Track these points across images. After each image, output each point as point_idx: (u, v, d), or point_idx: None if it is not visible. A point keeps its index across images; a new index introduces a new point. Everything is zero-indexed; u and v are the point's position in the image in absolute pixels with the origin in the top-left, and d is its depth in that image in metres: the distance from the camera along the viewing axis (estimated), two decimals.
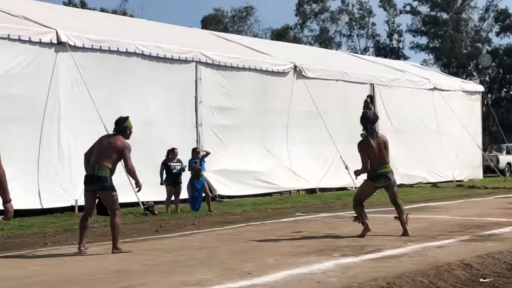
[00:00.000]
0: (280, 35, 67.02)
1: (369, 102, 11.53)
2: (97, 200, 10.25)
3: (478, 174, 32.74)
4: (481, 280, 7.83)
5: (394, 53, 69.44)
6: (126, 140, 10.10)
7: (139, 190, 10.61)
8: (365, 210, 11.40)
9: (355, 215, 11.34)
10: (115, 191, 10.01)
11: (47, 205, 16.46)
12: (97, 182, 9.88)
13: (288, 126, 22.94)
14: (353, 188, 23.27)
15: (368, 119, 11.25)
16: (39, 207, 16.29)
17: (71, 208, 16.73)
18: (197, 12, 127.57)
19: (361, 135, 11.34)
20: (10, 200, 6.49)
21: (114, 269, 8.30)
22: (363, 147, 11.21)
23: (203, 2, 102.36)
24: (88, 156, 10.30)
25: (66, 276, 7.90)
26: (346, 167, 23.16)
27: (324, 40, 69.19)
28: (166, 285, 7.12)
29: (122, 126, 10.16)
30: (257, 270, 7.90)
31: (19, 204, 12.39)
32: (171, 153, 17.23)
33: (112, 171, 9.98)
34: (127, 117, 10.29)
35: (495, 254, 8.92)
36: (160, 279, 7.52)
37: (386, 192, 11.66)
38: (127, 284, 7.27)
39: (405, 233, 11.04)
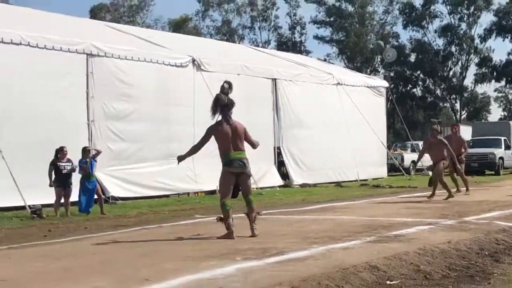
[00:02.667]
0: (179, 26, 66.86)
1: (227, 87, 11.48)
2: None
3: (383, 172, 33.50)
4: (388, 282, 8.01)
5: (297, 47, 70.30)
6: None
7: None
8: (272, 211, 11.50)
9: (221, 215, 11.47)
10: None
11: None
12: None
13: (194, 123, 22.68)
14: (257, 188, 23.46)
15: (222, 103, 11.34)
16: None
17: None
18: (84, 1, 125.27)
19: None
20: None
21: None
22: (213, 131, 11.48)
23: None
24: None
25: None
26: None
27: (226, 32, 69.39)
28: None
29: None
30: (155, 276, 7.83)
31: None
32: (60, 152, 16.92)
33: None
34: None
35: (402, 255, 9.13)
36: None
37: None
38: None
39: (252, 234, 11.27)
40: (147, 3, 72.54)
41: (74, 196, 17.32)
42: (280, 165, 27.25)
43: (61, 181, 16.81)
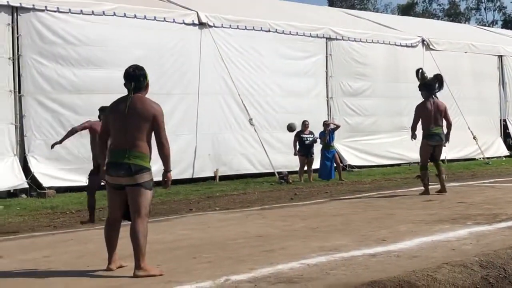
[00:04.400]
0: (407, 10, 65.46)
1: (423, 73, 12.48)
2: None
3: None
4: None
5: None
6: None
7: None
8: (499, 179, 11.01)
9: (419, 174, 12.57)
10: None
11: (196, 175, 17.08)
12: None
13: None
14: (484, 158, 22.56)
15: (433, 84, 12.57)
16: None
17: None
18: None
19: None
20: (171, 171, 6.55)
21: (255, 234, 8.36)
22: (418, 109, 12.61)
23: None
24: None
25: (211, 240, 8.02)
26: (475, 138, 22.49)
27: (452, 14, 66.99)
28: (305, 250, 7.08)
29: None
30: (391, 237, 7.73)
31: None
32: (303, 125, 17.27)
33: None
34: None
35: None
36: (298, 244, 7.49)
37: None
38: (268, 248, 7.29)
39: (442, 189, 12.31)
40: None
41: (316, 164, 17.63)
42: (506, 136, 25.96)
43: (304, 150, 17.16)
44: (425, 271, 5.90)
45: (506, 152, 25.26)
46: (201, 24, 17.49)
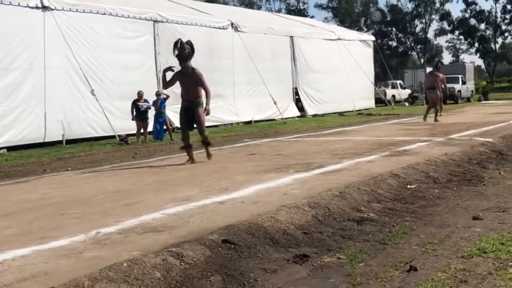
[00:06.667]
0: (210, 0, 65.45)
1: (178, 47, 10.36)
2: None
3: (372, 104, 32.95)
4: (408, 186, 7.67)
5: (301, 13, 68.96)
6: None
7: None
8: (299, 135, 11.08)
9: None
10: None
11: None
12: None
13: (233, 72, 22.41)
14: (281, 119, 23.07)
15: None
16: None
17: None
18: None
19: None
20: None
21: (113, 189, 7.78)
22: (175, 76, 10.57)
23: None
24: None
25: (75, 197, 7.36)
26: (275, 103, 22.97)
27: (247, 4, 67.98)
28: (161, 201, 6.67)
29: None
30: (232, 186, 7.51)
31: None
32: (138, 95, 16.70)
33: None
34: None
35: (414, 166, 8.74)
36: (153, 197, 7.06)
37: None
38: (128, 201, 6.79)
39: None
40: None
41: (150, 128, 17.11)
42: (297, 101, 26.78)
43: (140, 116, 16.56)
44: (268, 214, 5.74)
45: (298, 113, 26.07)
46: (44, 7, 16.13)
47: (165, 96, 17.13)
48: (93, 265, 4.23)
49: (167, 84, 10.64)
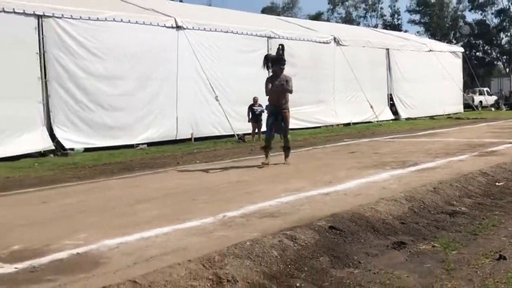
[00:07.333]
0: (316, 18, 65.19)
1: (280, 49, 9.73)
2: None
3: (460, 109, 31.46)
4: (497, 183, 7.30)
5: (396, 29, 67.07)
6: None
7: None
8: (395, 136, 10.76)
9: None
10: None
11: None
12: None
13: (334, 80, 22.22)
14: (376, 122, 22.60)
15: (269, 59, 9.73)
16: None
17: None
18: (256, 5, 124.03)
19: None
20: None
21: (235, 180, 8.00)
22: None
23: None
24: None
25: (202, 186, 7.63)
26: (371, 107, 22.53)
27: (347, 20, 67.08)
28: (275, 191, 6.76)
29: None
30: (335, 180, 7.48)
31: None
32: (254, 100, 16.94)
33: None
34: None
35: (502, 165, 8.33)
36: (269, 187, 7.18)
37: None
38: (248, 190, 6.95)
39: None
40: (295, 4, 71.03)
41: (263, 128, 17.26)
42: (391, 106, 26.10)
43: (254, 118, 16.80)
44: (368, 205, 5.67)
45: (392, 116, 25.39)
46: (178, 27, 16.67)
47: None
48: (221, 243, 4.37)
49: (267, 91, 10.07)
